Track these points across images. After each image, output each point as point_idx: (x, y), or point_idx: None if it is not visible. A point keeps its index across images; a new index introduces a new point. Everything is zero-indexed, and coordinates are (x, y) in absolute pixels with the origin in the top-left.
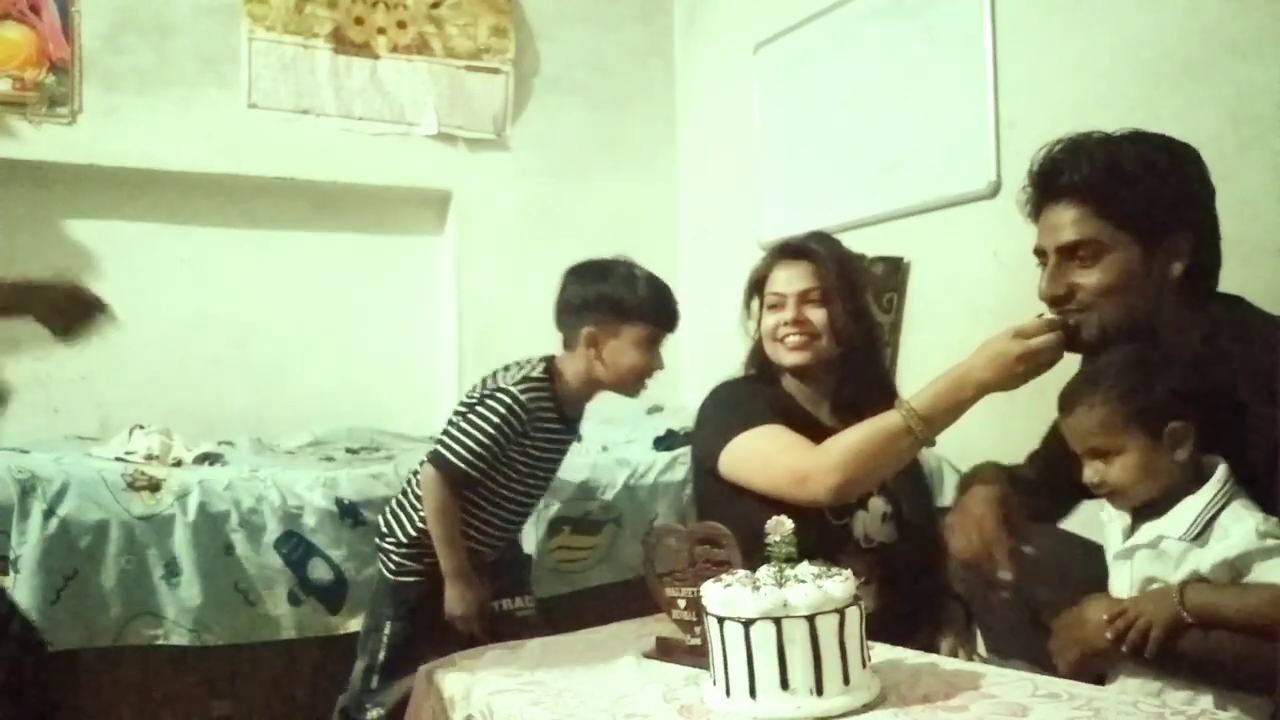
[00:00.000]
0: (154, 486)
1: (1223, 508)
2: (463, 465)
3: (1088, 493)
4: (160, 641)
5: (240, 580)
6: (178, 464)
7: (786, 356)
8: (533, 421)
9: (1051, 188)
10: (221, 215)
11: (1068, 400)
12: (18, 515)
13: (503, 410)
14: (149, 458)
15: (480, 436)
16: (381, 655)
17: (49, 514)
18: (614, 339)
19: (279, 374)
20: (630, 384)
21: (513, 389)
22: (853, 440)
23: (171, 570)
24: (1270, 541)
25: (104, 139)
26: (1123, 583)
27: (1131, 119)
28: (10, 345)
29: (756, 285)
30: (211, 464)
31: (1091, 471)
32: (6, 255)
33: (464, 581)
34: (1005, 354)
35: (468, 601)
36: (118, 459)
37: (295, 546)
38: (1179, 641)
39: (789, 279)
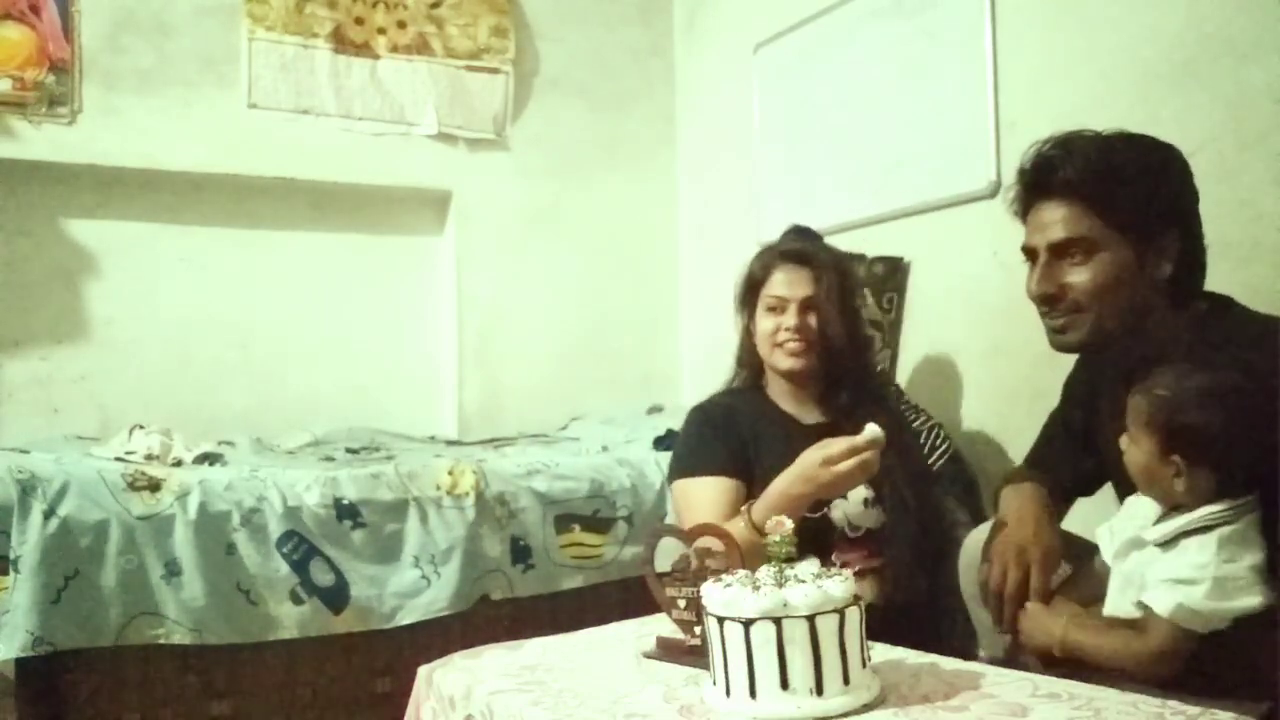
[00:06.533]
0: (154, 486)
1: (1202, 530)
2: None
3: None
4: (162, 641)
5: (242, 580)
6: (178, 464)
7: (783, 361)
8: None
9: (1042, 185)
10: (221, 215)
11: (1144, 374)
12: (18, 515)
13: None
14: (149, 458)
15: None
16: None
17: (49, 514)
18: None
19: (279, 374)
20: None
21: None
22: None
23: (172, 570)
24: (1186, 586)
25: (104, 139)
26: (1116, 582)
27: (1131, 119)
28: (10, 345)
29: (753, 286)
30: (211, 464)
31: (1122, 441)
32: (6, 255)
33: None
34: (816, 479)
35: None
36: (118, 459)
37: (297, 546)
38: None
39: (792, 284)
